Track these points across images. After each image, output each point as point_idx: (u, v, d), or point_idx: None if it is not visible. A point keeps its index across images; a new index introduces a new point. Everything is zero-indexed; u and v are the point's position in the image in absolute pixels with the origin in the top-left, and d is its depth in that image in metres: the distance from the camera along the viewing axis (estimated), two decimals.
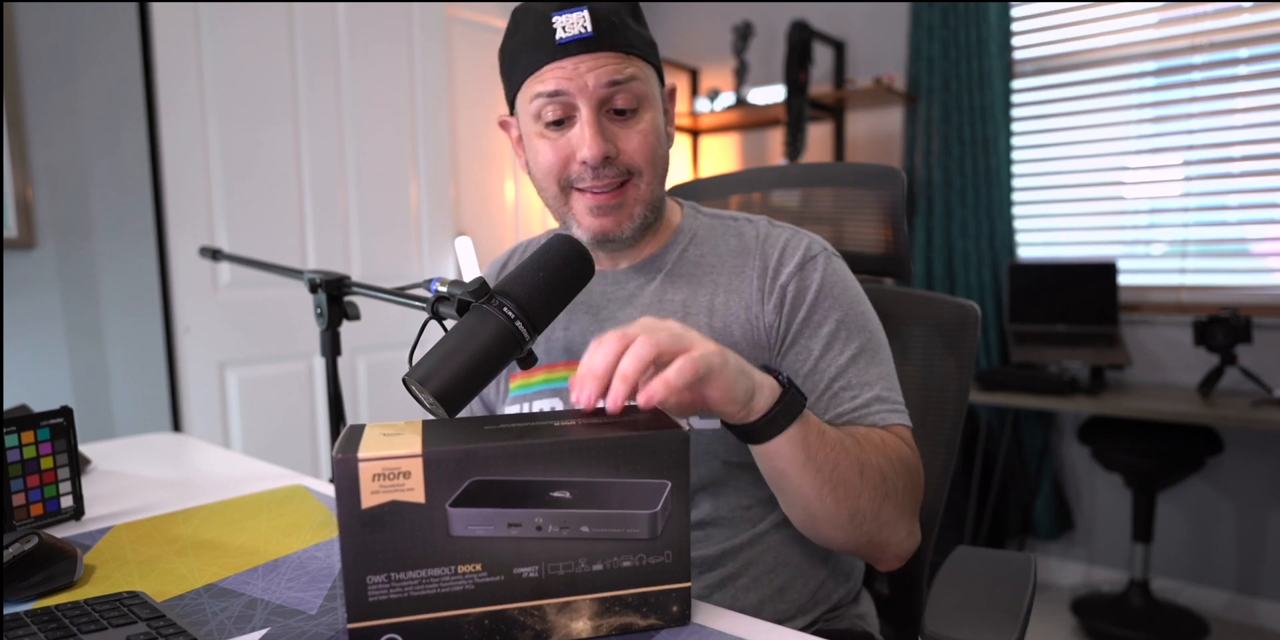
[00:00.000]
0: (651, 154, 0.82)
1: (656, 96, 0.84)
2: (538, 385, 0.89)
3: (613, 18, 0.78)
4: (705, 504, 0.82)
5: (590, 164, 0.79)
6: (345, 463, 0.53)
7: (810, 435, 0.69)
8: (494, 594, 0.56)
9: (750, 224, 0.90)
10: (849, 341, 0.82)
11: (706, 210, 0.94)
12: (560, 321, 0.89)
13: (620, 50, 0.79)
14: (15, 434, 0.83)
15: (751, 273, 0.85)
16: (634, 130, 0.81)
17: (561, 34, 0.77)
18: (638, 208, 0.83)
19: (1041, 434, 2.57)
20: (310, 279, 0.98)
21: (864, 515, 0.73)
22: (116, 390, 2.02)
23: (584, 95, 0.78)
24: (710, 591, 0.81)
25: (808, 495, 0.72)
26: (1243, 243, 2.35)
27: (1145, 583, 2.27)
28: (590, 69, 0.77)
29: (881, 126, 2.86)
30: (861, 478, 0.72)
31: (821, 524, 0.75)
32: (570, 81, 0.78)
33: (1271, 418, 1.92)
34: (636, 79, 0.79)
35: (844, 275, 0.86)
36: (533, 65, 0.80)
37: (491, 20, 2.82)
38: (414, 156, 2.57)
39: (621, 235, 0.83)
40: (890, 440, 0.78)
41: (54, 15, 1.88)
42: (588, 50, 0.77)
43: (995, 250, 2.60)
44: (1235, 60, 2.29)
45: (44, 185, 1.89)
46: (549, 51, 0.78)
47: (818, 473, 0.70)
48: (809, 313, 0.82)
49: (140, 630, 0.58)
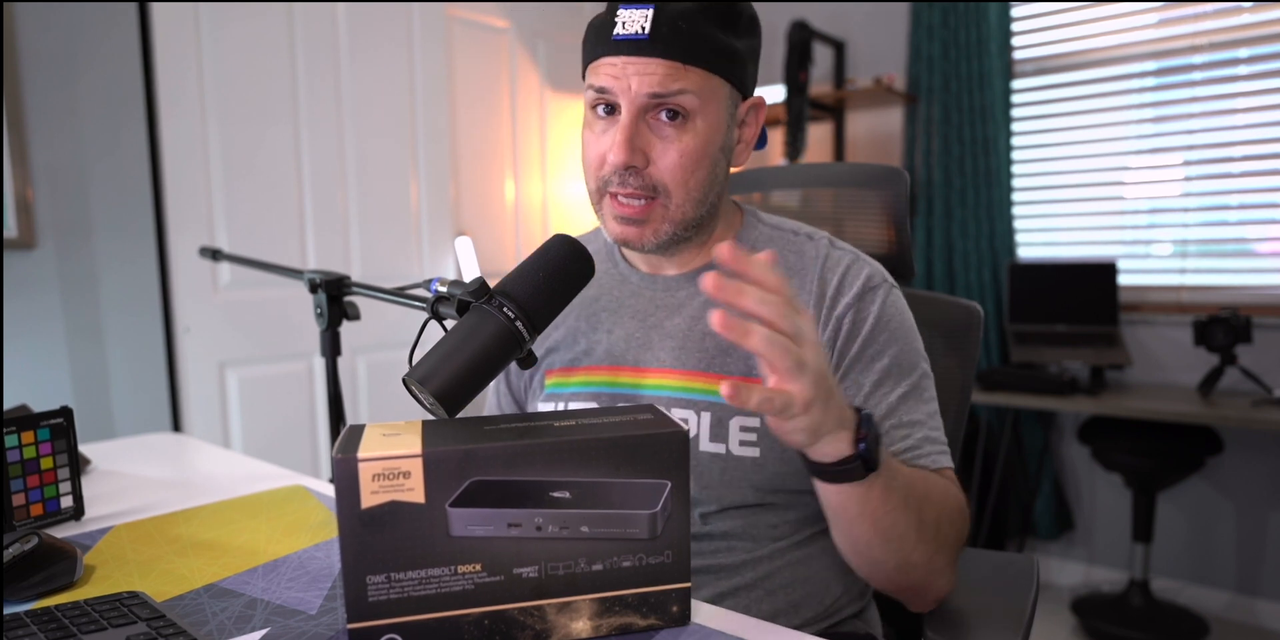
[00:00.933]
0: (684, 175, 0.77)
1: (718, 112, 0.77)
2: (575, 386, 0.87)
3: (680, 22, 0.73)
4: (734, 520, 0.81)
5: (615, 169, 0.77)
6: (345, 463, 0.53)
7: (872, 492, 0.65)
8: (494, 594, 0.56)
9: (811, 242, 0.86)
10: (900, 379, 0.79)
11: (767, 218, 0.90)
12: (604, 325, 0.88)
13: (676, 59, 0.73)
14: (15, 434, 0.83)
15: (807, 297, 0.82)
16: (672, 146, 0.76)
17: (619, 29, 0.74)
18: (664, 225, 0.79)
19: (1041, 434, 2.57)
20: (310, 279, 0.98)
21: (913, 566, 0.71)
22: (116, 390, 2.02)
23: (625, 97, 0.75)
24: (724, 598, 0.80)
25: (857, 541, 0.69)
26: (1243, 243, 2.35)
27: (1145, 583, 2.27)
28: (637, 73, 0.74)
29: (881, 126, 2.86)
30: (918, 533, 0.69)
31: (866, 566, 0.73)
32: (616, 81, 0.75)
33: (1271, 418, 1.92)
34: (686, 92, 0.74)
35: (901, 308, 0.83)
36: (592, 54, 0.78)
37: (492, 20, 2.82)
38: (414, 156, 2.57)
39: (643, 248, 0.81)
40: (948, 489, 0.75)
41: (54, 15, 1.88)
42: (639, 53, 0.73)
43: (995, 250, 2.60)
44: (1235, 60, 2.29)
45: (44, 185, 1.89)
46: (606, 44, 0.75)
47: (874, 525, 0.67)
48: (863, 347, 0.80)
49: (140, 630, 0.58)
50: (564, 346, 0.90)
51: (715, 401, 0.81)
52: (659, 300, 0.87)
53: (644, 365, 0.85)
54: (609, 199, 0.80)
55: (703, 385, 0.82)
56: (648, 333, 0.86)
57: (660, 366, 0.84)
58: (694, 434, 0.81)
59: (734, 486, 0.80)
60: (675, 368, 0.83)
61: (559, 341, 0.90)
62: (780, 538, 0.82)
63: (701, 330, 0.83)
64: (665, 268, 0.88)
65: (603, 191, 0.80)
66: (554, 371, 0.90)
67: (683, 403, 0.82)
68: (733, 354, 0.82)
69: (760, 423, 0.80)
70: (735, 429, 0.80)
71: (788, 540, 0.82)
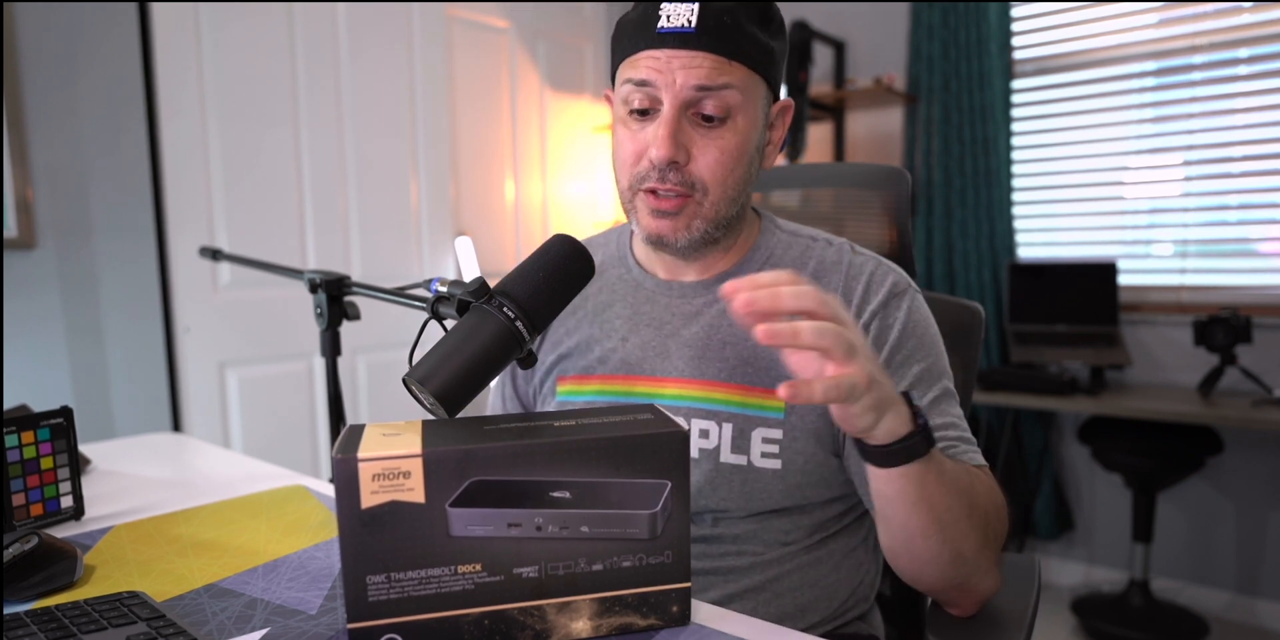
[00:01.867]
0: (724, 172, 0.76)
1: (756, 111, 0.77)
2: (589, 394, 0.86)
3: (725, 17, 0.73)
4: (747, 524, 0.81)
5: (657, 165, 0.75)
6: (345, 463, 0.53)
7: (929, 474, 0.64)
8: (494, 594, 0.56)
9: (831, 247, 0.85)
10: (932, 383, 0.79)
11: (785, 225, 0.89)
12: (619, 332, 0.86)
13: (722, 53, 0.73)
14: (15, 434, 0.83)
15: None
16: (713, 142, 0.76)
17: (664, 22, 0.73)
18: (697, 222, 0.78)
19: (1041, 434, 2.57)
20: (310, 279, 0.98)
21: (965, 558, 0.69)
22: (116, 390, 2.02)
23: (669, 91, 0.74)
24: (733, 599, 0.80)
25: (913, 532, 0.67)
26: (1243, 243, 2.35)
27: (1145, 583, 2.27)
28: (683, 66, 0.73)
29: (881, 126, 2.86)
30: (969, 519, 0.68)
31: (921, 562, 0.70)
32: (660, 74, 0.74)
33: (1271, 418, 1.92)
34: (731, 87, 0.74)
35: (925, 314, 0.82)
36: (631, 48, 0.77)
37: (492, 20, 2.82)
38: (414, 156, 2.57)
39: (676, 243, 0.79)
40: (991, 483, 0.74)
41: (54, 15, 1.88)
42: (685, 45, 0.73)
43: (995, 250, 2.60)
44: (1235, 60, 2.29)
45: (44, 185, 1.89)
46: (648, 38, 0.74)
47: (930, 511, 0.65)
48: (891, 353, 0.78)
49: (140, 630, 0.58)
50: (577, 354, 0.88)
51: (737, 412, 0.80)
52: (675, 307, 0.85)
53: (661, 375, 0.84)
54: (644, 195, 0.79)
55: (724, 395, 0.81)
56: (664, 341, 0.84)
57: (679, 376, 0.83)
58: (715, 445, 0.80)
59: (755, 498, 0.79)
60: (694, 377, 0.82)
61: (571, 348, 0.89)
62: (792, 542, 0.82)
63: (721, 339, 0.82)
64: (684, 274, 0.86)
65: (636, 188, 0.79)
66: (566, 378, 0.89)
67: (704, 413, 0.81)
68: (754, 364, 0.81)
69: (782, 434, 0.79)
70: (758, 440, 0.79)
71: (799, 544, 0.82)
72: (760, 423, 0.79)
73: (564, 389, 0.88)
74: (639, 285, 0.89)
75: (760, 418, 0.80)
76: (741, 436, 0.79)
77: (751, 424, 0.79)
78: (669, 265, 0.87)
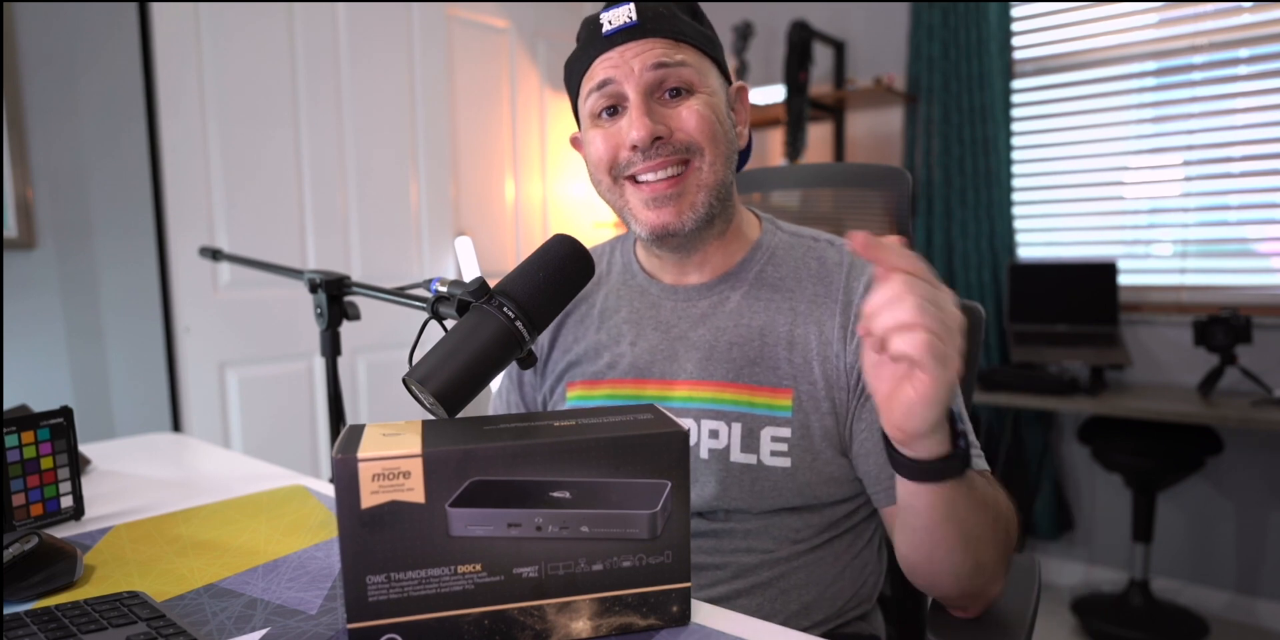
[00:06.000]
0: (710, 130, 0.78)
1: (716, 87, 0.80)
2: (600, 399, 0.86)
3: (660, 9, 0.78)
4: (756, 521, 0.81)
5: (639, 146, 0.76)
6: (345, 463, 0.53)
7: (959, 491, 0.63)
8: (494, 594, 0.56)
9: (832, 247, 0.85)
10: None
11: (785, 226, 0.89)
12: (626, 337, 0.87)
13: (669, 37, 0.77)
14: (15, 434, 0.83)
15: (834, 306, 0.81)
16: (688, 109, 0.77)
17: (608, 26, 0.78)
18: (700, 195, 0.78)
19: (1041, 434, 2.57)
20: (310, 279, 0.98)
21: (983, 568, 0.69)
22: (116, 390, 2.02)
23: (630, 80, 0.77)
24: (739, 595, 0.80)
25: (937, 545, 0.67)
26: (1243, 243, 2.35)
27: (1145, 583, 2.27)
28: (636, 54, 0.77)
29: (881, 126, 2.86)
30: (991, 532, 0.67)
31: (941, 573, 0.69)
32: (617, 69, 0.77)
33: (1271, 418, 1.92)
34: (687, 65, 0.77)
35: None
36: (585, 62, 0.80)
37: (491, 20, 2.82)
38: (414, 156, 2.57)
39: (683, 229, 0.78)
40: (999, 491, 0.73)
41: (54, 15, 1.88)
42: (634, 38, 0.77)
43: (995, 250, 2.60)
44: (1235, 60, 2.29)
45: (44, 185, 1.89)
46: (597, 45, 0.78)
47: (958, 527, 0.65)
48: None
49: (140, 630, 0.58)
50: (586, 359, 0.89)
51: (746, 412, 0.80)
52: (681, 311, 0.86)
53: (670, 378, 0.84)
54: (632, 188, 0.79)
55: (732, 396, 0.81)
56: (672, 344, 0.85)
57: (688, 378, 0.83)
58: (725, 445, 0.80)
59: (765, 496, 0.79)
60: (703, 379, 0.82)
61: (581, 355, 0.89)
62: (800, 540, 0.82)
63: (728, 341, 0.83)
64: (688, 277, 0.87)
65: (620, 182, 0.80)
66: (576, 384, 0.89)
67: (713, 414, 0.81)
68: (761, 363, 0.81)
69: (791, 433, 0.79)
70: (767, 439, 0.79)
71: (808, 543, 0.82)
72: (769, 422, 0.79)
73: (574, 394, 0.89)
74: (644, 291, 0.89)
75: (769, 417, 0.80)
76: (750, 436, 0.80)
77: (760, 423, 0.80)
78: (672, 269, 0.87)
